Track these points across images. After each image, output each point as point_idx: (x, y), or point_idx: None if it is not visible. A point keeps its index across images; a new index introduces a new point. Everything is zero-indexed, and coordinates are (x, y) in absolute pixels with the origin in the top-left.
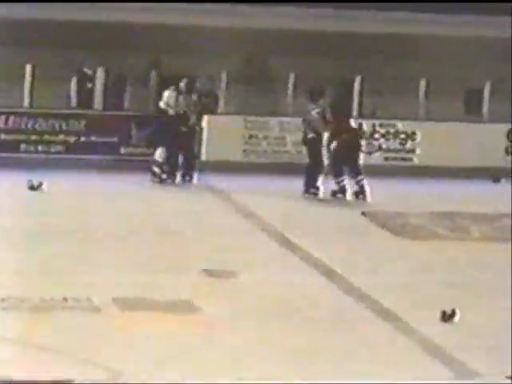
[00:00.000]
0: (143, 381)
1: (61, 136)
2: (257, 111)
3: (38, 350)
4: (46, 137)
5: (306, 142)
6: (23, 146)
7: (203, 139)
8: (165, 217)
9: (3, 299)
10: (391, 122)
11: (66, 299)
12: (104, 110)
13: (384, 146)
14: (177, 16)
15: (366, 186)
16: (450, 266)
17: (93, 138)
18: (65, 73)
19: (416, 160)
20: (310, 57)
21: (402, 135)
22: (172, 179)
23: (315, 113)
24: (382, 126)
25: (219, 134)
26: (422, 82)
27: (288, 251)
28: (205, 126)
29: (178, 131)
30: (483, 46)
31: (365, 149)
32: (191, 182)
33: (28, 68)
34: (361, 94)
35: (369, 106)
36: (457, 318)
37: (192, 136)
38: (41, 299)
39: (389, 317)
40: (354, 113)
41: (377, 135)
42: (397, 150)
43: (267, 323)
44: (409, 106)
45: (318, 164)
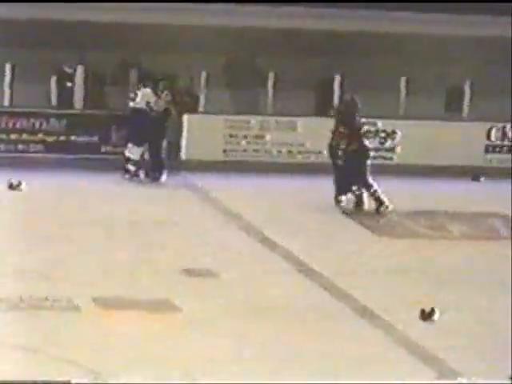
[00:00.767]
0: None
1: (40, 135)
2: (237, 110)
3: (17, 349)
4: (25, 136)
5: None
6: (2, 146)
7: (183, 138)
8: (145, 216)
9: None
10: (371, 120)
11: (46, 299)
12: (84, 109)
13: None
14: (157, 15)
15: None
16: (430, 265)
17: (73, 138)
18: (45, 72)
19: (396, 159)
20: (290, 55)
21: (382, 134)
22: (141, 176)
23: None
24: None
25: (199, 133)
26: (402, 81)
27: (268, 250)
28: (185, 125)
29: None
30: (463, 45)
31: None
32: (159, 179)
33: (8, 67)
34: (341, 92)
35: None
36: (436, 317)
37: (162, 134)
38: (20, 299)
39: (368, 315)
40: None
41: None
42: (377, 149)
43: (248, 322)
44: (389, 104)
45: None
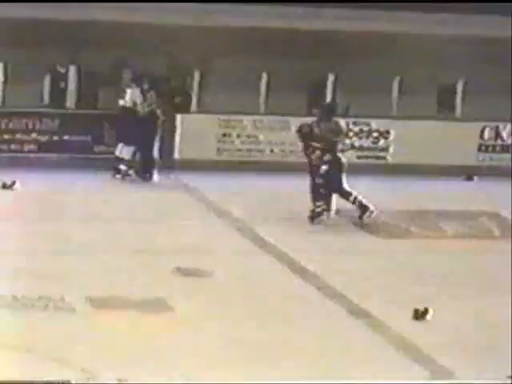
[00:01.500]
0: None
1: (33, 135)
2: (230, 110)
3: (10, 349)
4: (18, 136)
5: None
6: None
7: (176, 138)
8: (139, 215)
9: None
10: (364, 120)
11: (40, 298)
12: (77, 108)
13: (357, 145)
14: (150, 14)
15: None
16: (423, 264)
17: (66, 137)
18: (38, 72)
19: (389, 158)
20: (283, 55)
21: (375, 133)
22: (132, 176)
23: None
24: (355, 124)
25: (192, 133)
26: (395, 81)
27: (262, 250)
28: (178, 124)
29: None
30: (456, 44)
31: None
32: (151, 179)
33: (0, 66)
34: (334, 92)
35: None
36: (429, 316)
37: (153, 133)
38: (13, 298)
39: (362, 315)
40: None
41: (350, 133)
42: (370, 149)
43: (241, 322)
44: (382, 104)
45: None
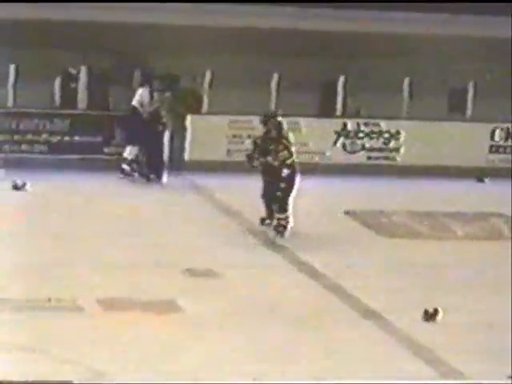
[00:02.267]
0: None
1: (44, 136)
2: (240, 111)
3: (20, 350)
4: (29, 136)
5: None
6: (7, 146)
7: (186, 139)
8: (148, 216)
9: None
10: (375, 121)
11: (50, 300)
12: (88, 109)
13: (367, 146)
14: (161, 15)
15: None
16: (433, 265)
17: (76, 138)
18: (49, 73)
19: (399, 159)
20: (294, 56)
21: (386, 134)
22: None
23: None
24: (366, 125)
25: (203, 134)
26: (406, 82)
27: (271, 251)
28: (188, 125)
29: (149, 129)
30: (467, 45)
31: (348, 148)
32: (160, 180)
33: (12, 68)
34: (344, 93)
35: (353, 105)
36: (439, 317)
37: (162, 134)
38: (25, 300)
39: (371, 316)
40: (338, 112)
41: (361, 134)
42: (380, 150)
43: (251, 323)
44: (392, 105)
45: None
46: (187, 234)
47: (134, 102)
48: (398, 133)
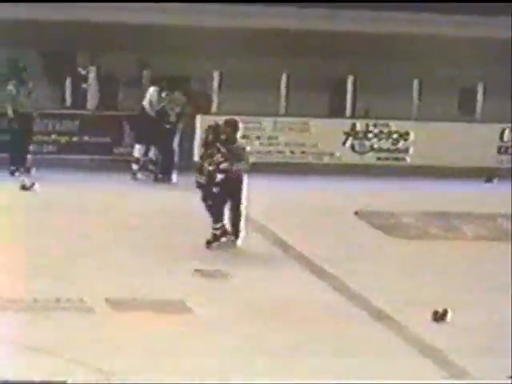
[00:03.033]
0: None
1: (53, 136)
2: (250, 111)
3: (30, 350)
4: (38, 137)
5: None
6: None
7: (195, 139)
8: (157, 217)
9: None
10: (384, 121)
11: (59, 300)
12: (97, 110)
13: (376, 146)
14: (170, 16)
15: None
16: (443, 266)
17: (85, 138)
18: (59, 73)
19: (409, 160)
20: (303, 56)
21: (395, 135)
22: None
23: None
24: (375, 125)
25: None
26: (415, 82)
27: (280, 251)
28: (198, 126)
29: (158, 129)
30: (476, 46)
31: (357, 148)
32: (169, 180)
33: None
34: (354, 93)
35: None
36: (448, 318)
37: (172, 135)
38: (34, 300)
39: (381, 316)
40: (347, 113)
41: (370, 135)
42: (390, 150)
43: (259, 323)
44: (402, 105)
45: None
46: (196, 234)
47: (143, 102)
48: (407, 133)
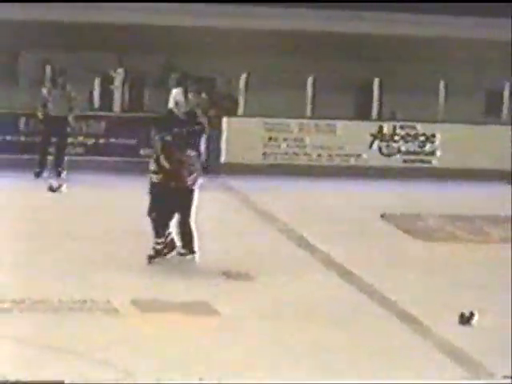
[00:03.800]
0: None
1: (80, 138)
2: (276, 113)
3: (55, 351)
4: None
5: None
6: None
7: (222, 141)
8: None
9: (21, 301)
10: (411, 124)
11: (85, 301)
12: (123, 111)
13: (403, 149)
14: (197, 18)
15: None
16: (469, 268)
17: (112, 140)
18: (87, 75)
19: (435, 162)
20: (329, 59)
21: (422, 137)
22: None
23: None
24: (402, 128)
25: (239, 136)
26: (442, 84)
27: (307, 253)
28: (224, 128)
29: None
30: (502, 47)
31: (384, 151)
32: None
33: (48, 69)
34: (380, 95)
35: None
36: (475, 321)
37: (199, 135)
38: (59, 301)
39: (407, 319)
40: (374, 115)
41: (397, 137)
42: (416, 153)
43: (285, 325)
44: (428, 108)
45: None
46: (223, 236)
47: (169, 104)
48: (434, 136)
